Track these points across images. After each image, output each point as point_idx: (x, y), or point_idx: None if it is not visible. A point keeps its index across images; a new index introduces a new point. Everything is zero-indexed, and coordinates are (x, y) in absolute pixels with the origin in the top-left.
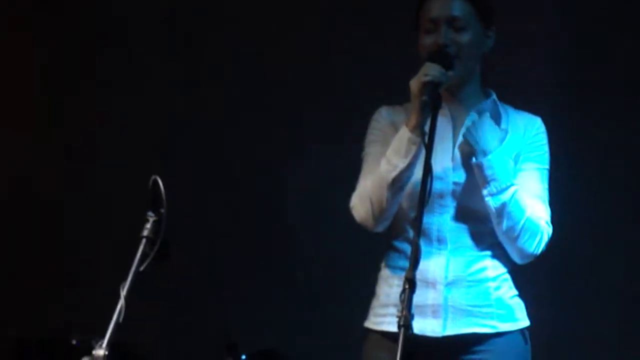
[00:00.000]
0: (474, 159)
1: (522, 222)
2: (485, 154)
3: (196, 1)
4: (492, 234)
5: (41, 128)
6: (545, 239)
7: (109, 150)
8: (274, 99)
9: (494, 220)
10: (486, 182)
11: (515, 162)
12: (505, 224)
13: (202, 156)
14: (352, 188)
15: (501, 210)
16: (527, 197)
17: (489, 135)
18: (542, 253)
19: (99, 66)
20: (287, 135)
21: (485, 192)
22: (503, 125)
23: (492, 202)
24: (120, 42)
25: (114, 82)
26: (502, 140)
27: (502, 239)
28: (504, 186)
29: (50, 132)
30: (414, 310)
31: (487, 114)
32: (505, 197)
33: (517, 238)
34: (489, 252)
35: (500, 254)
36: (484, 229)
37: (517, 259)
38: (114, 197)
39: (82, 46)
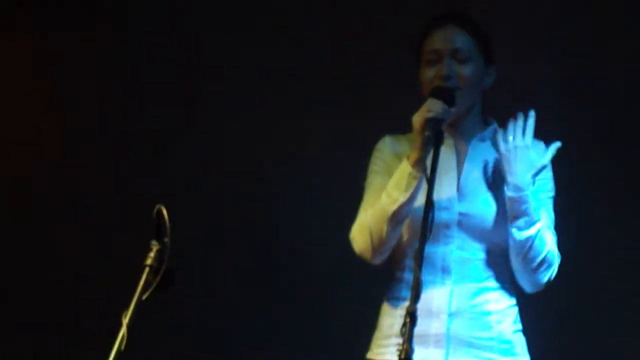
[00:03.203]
0: (507, 191)
1: (542, 256)
2: (518, 188)
3: (196, 3)
4: (498, 264)
5: (40, 135)
6: (556, 269)
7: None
8: (274, 104)
9: (514, 251)
10: (518, 216)
11: None
12: (525, 255)
13: (200, 161)
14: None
15: (524, 244)
16: (546, 230)
17: (524, 166)
18: (549, 287)
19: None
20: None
21: (513, 224)
22: None
23: (517, 235)
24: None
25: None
26: (536, 173)
27: (517, 268)
28: (532, 221)
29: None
30: (416, 340)
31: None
32: (531, 232)
33: (534, 270)
34: (493, 284)
35: (506, 287)
36: (489, 259)
37: (528, 288)
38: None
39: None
